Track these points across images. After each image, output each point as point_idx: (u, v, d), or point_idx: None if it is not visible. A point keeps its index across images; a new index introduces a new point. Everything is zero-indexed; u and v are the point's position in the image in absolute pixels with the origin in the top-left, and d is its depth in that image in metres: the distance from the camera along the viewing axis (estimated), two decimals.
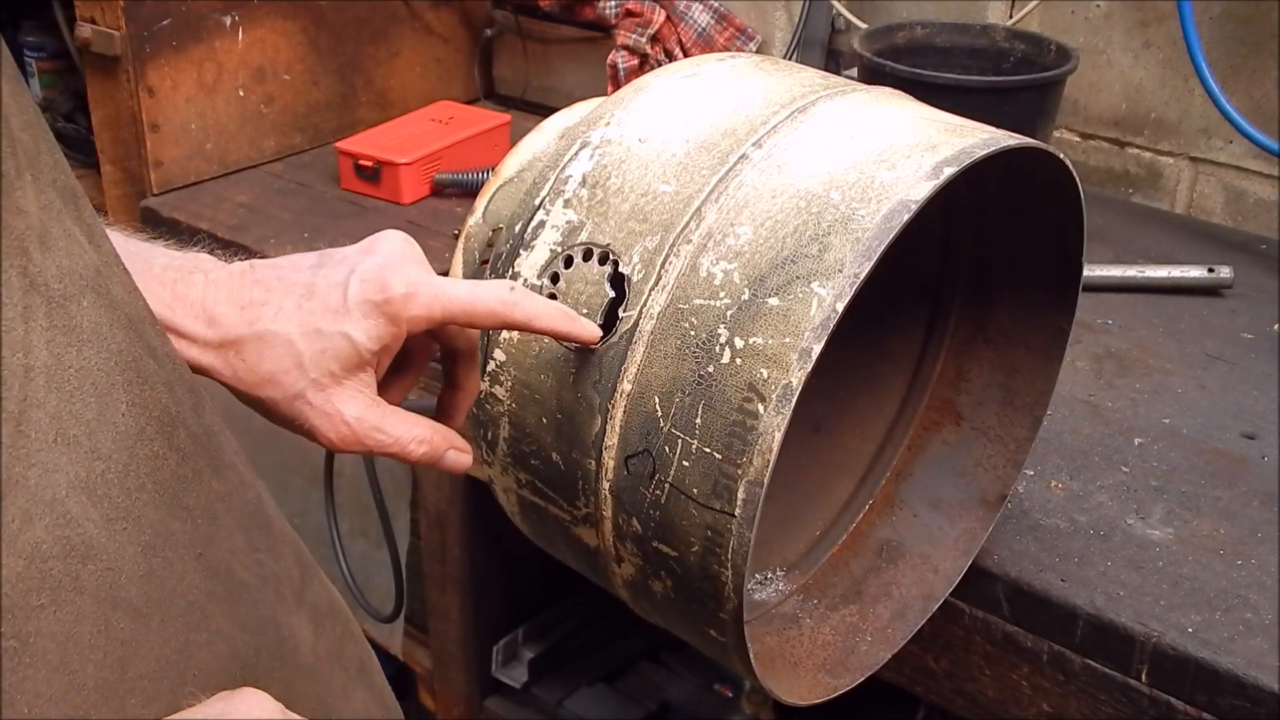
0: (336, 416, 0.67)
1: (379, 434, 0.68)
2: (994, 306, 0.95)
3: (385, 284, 0.66)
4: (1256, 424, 1.12)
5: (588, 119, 0.80)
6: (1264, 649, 0.86)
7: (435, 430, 0.70)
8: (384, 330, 0.66)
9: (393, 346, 0.68)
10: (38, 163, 0.49)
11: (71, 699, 0.49)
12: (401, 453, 0.69)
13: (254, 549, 0.61)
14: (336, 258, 0.68)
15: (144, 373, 0.53)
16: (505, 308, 0.67)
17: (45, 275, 0.48)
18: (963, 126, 0.76)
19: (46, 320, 0.48)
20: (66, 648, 0.48)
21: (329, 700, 0.67)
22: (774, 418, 0.66)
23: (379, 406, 0.68)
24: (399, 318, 0.66)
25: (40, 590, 0.47)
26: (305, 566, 0.68)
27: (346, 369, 0.66)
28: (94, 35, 1.55)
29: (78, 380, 0.49)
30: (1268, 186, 1.53)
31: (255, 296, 0.67)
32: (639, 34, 1.75)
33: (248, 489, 0.62)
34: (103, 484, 0.50)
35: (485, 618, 1.57)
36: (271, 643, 0.61)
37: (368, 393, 0.68)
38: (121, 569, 0.50)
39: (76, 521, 0.48)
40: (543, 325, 0.69)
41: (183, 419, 0.56)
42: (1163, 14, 1.54)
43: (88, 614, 0.49)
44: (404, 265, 0.67)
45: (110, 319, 0.52)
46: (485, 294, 0.67)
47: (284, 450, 1.64)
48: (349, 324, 0.66)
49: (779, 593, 0.93)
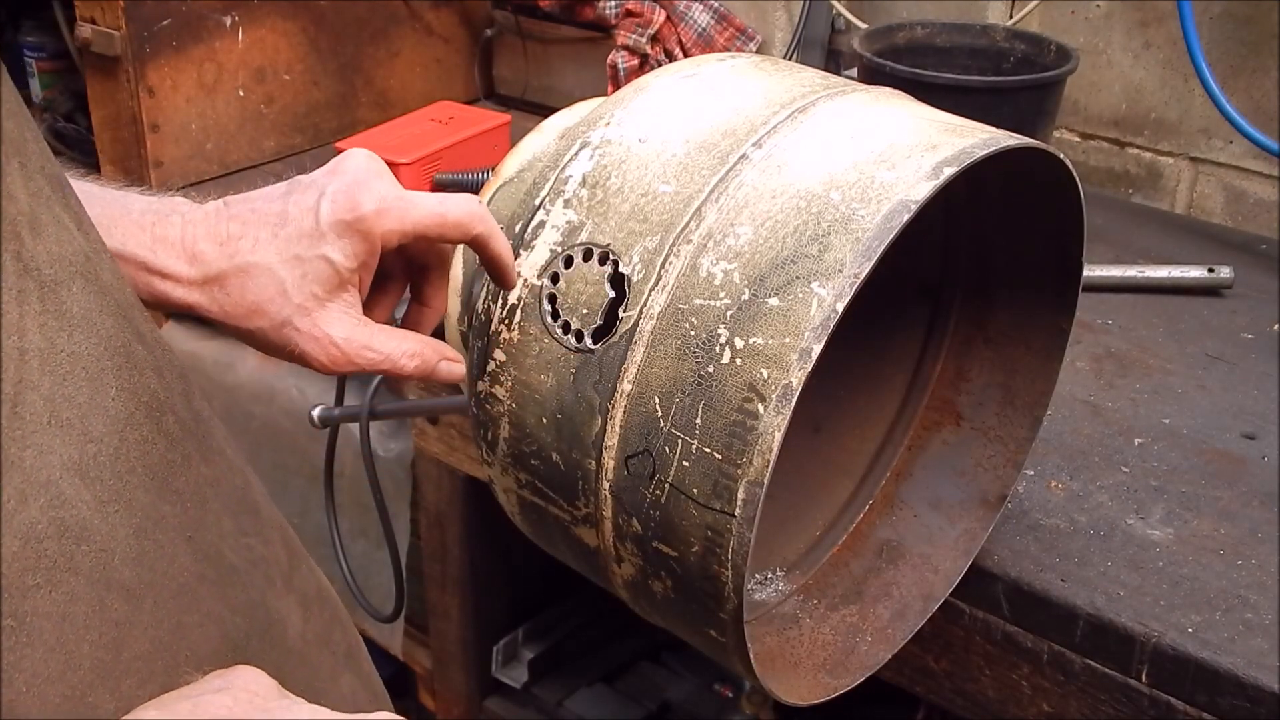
0: (325, 339, 0.68)
1: (369, 351, 0.69)
2: (994, 306, 0.95)
3: (356, 202, 0.67)
4: (1256, 424, 1.12)
5: (588, 119, 0.80)
6: (1264, 649, 0.86)
7: (425, 343, 0.71)
8: (359, 247, 0.67)
9: (370, 263, 0.69)
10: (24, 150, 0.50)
11: (69, 678, 0.49)
12: (394, 368, 0.70)
13: (242, 533, 0.61)
14: (305, 183, 0.69)
15: (133, 358, 0.54)
16: (471, 219, 0.69)
17: (37, 260, 0.49)
18: (963, 126, 0.76)
19: (39, 304, 0.48)
20: (63, 627, 0.49)
21: (317, 684, 0.68)
22: (774, 418, 0.66)
23: (366, 325, 0.69)
24: (372, 234, 0.67)
25: (36, 570, 0.47)
26: (293, 552, 0.69)
27: (328, 290, 0.67)
28: (94, 35, 1.55)
29: (70, 364, 0.49)
30: (1268, 186, 1.53)
31: (232, 231, 0.68)
32: (639, 34, 1.75)
33: (235, 474, 0.63)
34: (95, 466, 0.50)
35: (485, 618, 1.57)
36: (261, 626, 0.62)
37: (353, 313, 0.69)
38: (115, 550, 0.51)
39: (70, 503, 0.49)
40: (496, 246, 0.71)
41: (171, 404, 0.56)
42: (1163, 14, 1.54)
43: (82, 595, 0.49)
44: (372, 181, 0.68)
45: (100, 304, 0.52)
46: (454, 206, 0.69)
47: (284, 450, 1.64)
48: (325, 246, 0.67)
49: (779, 593, 0.93)
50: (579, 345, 0.73)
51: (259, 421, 1.64)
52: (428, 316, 0.76)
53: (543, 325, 0.75)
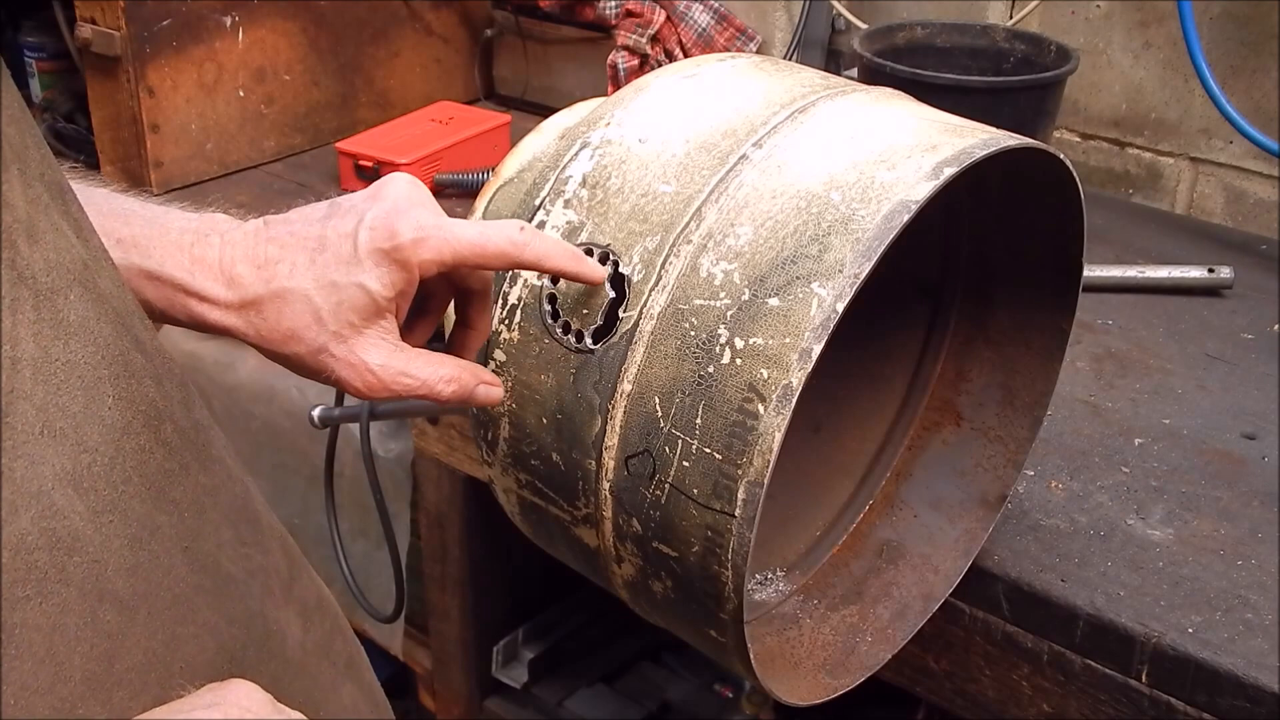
0: (361, 366, 0.67)
1: (405, 378, 0.68)
2: (994, 306, 0.95)
3: (394, 231, 0.66)
4: (1256, 424, 1.12)
5: (588, 119, 0.80)
6: (1264, 649, 0.86)
7: (462, 368, 0.70)
8: (396, 276, 0.66)
9: (408, 291, 0.68)
10: (25, 157, 0.49)
11: (59, 690, 0.49)
12: (431, 394, 0.69)
13: (241, 543, 0.61)
14: (345, 206, 0.68)
15: (131, 367, 0.53)
16: (515, 248, 0.68)
17: (33, 268, 0.48)
18: (963, 127, 0.76)
19: (34, 313, 0.48)
20: (53, 639, 0.48)
21: (316, 695, 0.67)
22: (774, 418, 0.66)
23: (402, 351, 0.68)
24: (410, 263, 0.66)
25: (26, 582, 0.47)
26: (293, 561, 0.68)
27: (365, 318, 0.67)
28: (94, 35, 1.55)
29: (64, 373, 0.49)
30: (1268, 186, 1.53)
31: (270, 254, 0.67)
32: (639, 34, 1.75)
33: (235, 483, 0.62)
34: (89, 477, 0.50)
35: (485, 618, 1.57)
36: (259, 637, 0.61)
37: (390, 339, 0.68)
38: (108, 561, 0.51)
39: (63, 514, 0.49)
40: (552, 265, 0.70)
41: (170, 413, 0.56)
42: (1163, 14, 1.54)
43: (74, 606, 0.49)
44: (412, 210, 0.67)
45: (98, 313, 0.52)
46: (495, 235, 0.68)
47: (284, 450, 1.64)
48: (362, 274, 0.66)
49: (779, 593, 0.93)
50: (579, 345, 0.73)
51: (259, 421, 1.64)
52: (472, 339, 0.75)
53: (543, 325, 0.75)
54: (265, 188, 1.68)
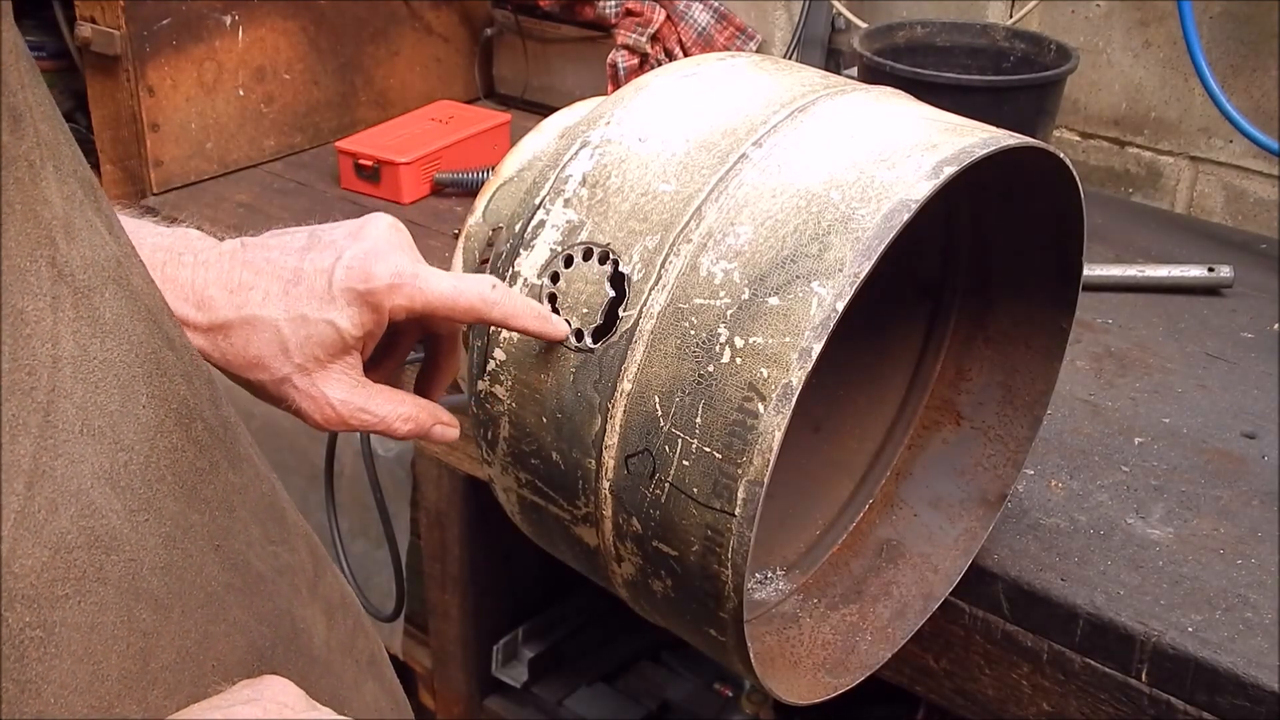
0: (322, 399, 0.69)
1: (364, 414, 0.70)
2: (994, 306, 0.95)
3: (370, 274, 0.67)
4: (1256, 424, 1.12)
5: (588, 118, 0.80)
6: (1264, 648, 0.86)
7: (421, 407, 0.72)
8: (367, 318, 0.68)
9: (376, 332, 0.69)
10: (59, 154, 0.49)
11: (96, 689, 0.49)
12: (388, 430, 0.71)
13: (269, 541, 0.61)
14: (325, 240, 0.69)
15: (163, 364, 0.53)
16: (485, 305, 0.70)
17: (71, 266, 0.48)
18: (962, 126, 0.76)
19: (73, 311, 0.48)
20: (91, 638, 0.48)
21: (341, 693, 0.68)
22: (774, 417, 0.66)
23: (364, 388, 0.70)
24: (381, 307, 0.68)
25: (65, 580, 0.47)
26: (318, 559, 0.69)
27: (331, 354, 0.68)
28: (94, 35, 1.55)
29: (102, 371, 0.49)
30: (1268, 186, 1.54)
31: (244, 279, 0.68)
32: (639, 33, 1.75)
33: (262, 481, 0.63)
34: (125, 475, 0.50)
35: (485, 617, 1.57)
36: (287, 635, 0.61)
37: (353, 374, 0.69)
38: (143, 560, 0.51)
39: (101, 512, 0.49)
40: (518, 324, 0.71)
41: (200, 411, 0.56)
42: (1163, 14, 1.54)
43: (111, 605, 0.49)
44: (390, 253, 0.68)
45: (131, 310, 0.52)
46: (467, 291, 0.69)
47: (284, 450, 1.64)
48: (333, 311, 0.67)
49: (779, 592, 0.93)
50: (579, 344, 0.73)
51: (259, 421, 1.63)
52: (437, 378, 0.77)
53: None
54: (265, 187, 1.68)
